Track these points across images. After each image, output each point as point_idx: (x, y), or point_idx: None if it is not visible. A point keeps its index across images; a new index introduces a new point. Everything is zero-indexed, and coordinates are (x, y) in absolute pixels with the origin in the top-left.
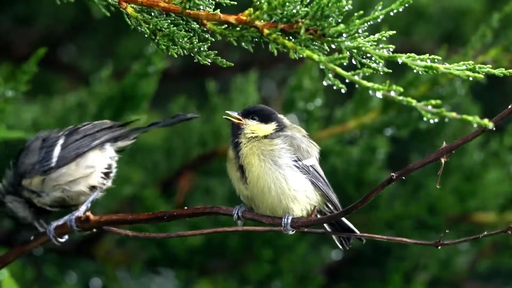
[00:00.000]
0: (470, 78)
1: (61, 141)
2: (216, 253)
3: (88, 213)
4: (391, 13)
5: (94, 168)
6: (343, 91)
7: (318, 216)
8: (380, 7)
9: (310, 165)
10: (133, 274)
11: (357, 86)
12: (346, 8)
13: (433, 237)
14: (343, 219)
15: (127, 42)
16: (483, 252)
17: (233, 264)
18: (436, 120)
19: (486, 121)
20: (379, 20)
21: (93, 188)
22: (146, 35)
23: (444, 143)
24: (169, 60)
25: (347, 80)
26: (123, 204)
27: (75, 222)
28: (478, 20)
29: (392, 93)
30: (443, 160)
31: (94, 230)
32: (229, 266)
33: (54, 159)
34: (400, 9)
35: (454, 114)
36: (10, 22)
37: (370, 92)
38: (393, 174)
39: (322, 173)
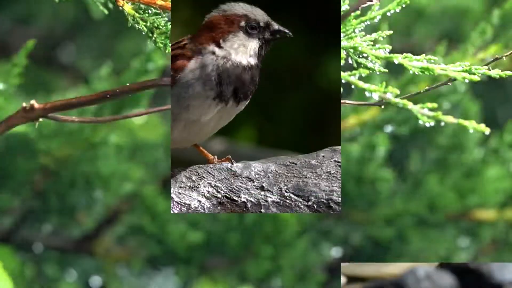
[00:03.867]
0: (466, 81)
1: None
2: (216, 250)
3: (33, 102)
4: (388, 14)
5: None
6: None
7: None
8: (377, 7)
9: None
10: (133, 271)
11: (353, 86)
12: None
13: (434, 234)
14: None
15: (127, 42)
16: (483, 250)
17: (233, 261)
18: (432, 123)
19: (483, 126)
20: (376, 20)
21: None
22: (143, 33)
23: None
24: (168, 57)
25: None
26: (122, 201)
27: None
28: (478, 20)
29: (389, 95)
30: None
31: (40, 120)
32: (229, 263)
33: None
34: (398, 10)
35: (451, 118)
36: (9, 22)
37: (367, 93)
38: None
39: None
